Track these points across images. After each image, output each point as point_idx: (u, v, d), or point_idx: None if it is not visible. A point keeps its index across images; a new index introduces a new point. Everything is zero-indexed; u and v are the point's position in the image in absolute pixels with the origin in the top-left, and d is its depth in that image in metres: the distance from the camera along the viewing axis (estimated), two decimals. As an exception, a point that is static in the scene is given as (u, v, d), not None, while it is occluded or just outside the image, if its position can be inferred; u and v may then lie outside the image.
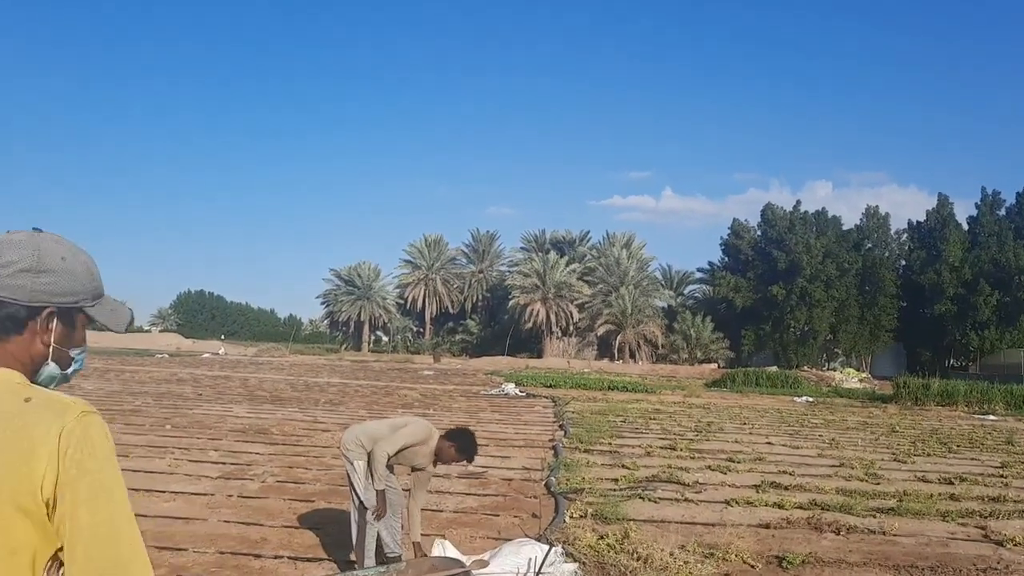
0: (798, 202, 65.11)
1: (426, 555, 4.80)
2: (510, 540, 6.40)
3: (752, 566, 6.65)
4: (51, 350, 1.44)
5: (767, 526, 8.05)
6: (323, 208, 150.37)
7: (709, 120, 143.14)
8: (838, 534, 7.84)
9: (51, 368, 1.46)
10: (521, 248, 78.73)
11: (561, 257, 71.15)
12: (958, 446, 16.10)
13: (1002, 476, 11.78)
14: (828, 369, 55.21)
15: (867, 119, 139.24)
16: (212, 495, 8.68)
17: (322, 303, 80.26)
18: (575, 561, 6.43)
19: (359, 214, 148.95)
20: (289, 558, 6.42)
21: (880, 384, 43.09)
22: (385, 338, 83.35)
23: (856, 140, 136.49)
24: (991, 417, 26.32)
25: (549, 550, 5.54)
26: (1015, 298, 55.68)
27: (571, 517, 7.98)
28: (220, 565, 6.21)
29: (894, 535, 7.86)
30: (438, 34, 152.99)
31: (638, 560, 6.55)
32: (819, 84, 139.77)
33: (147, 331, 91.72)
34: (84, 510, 1.29)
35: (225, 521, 7.57)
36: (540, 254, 72.28)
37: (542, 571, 5.43)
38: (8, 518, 1.29)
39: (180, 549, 6.53)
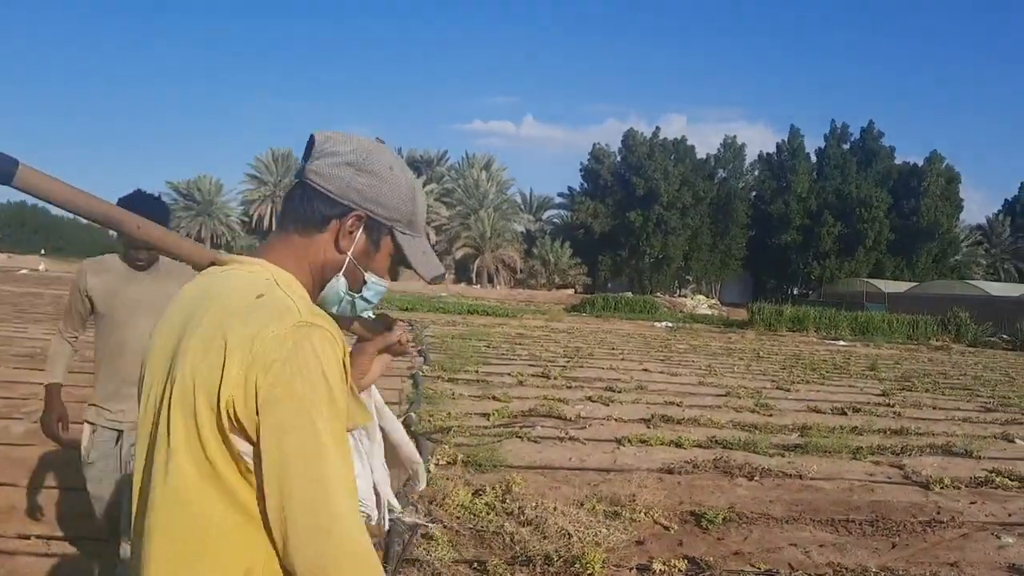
0: (657, 128, 65.06)
1: None
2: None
3: (667, 527, 5.29)
4: (347, 261, 1.30)
5: (670, 471, 6.77)
6: (160, 117, 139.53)
7: (571, 50, 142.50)
8: (751, 479, 6.69)
9: (340, 283, 1.31)
10: (377, 166, 75.38)
11: (419, 177, 68.56)
12: (827, 372, 15.76)
13: (890, 406, 11.25)
14: (680, 295, 56.22)
15: (722, 57, 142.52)
16: (-43, 442, 6.48)
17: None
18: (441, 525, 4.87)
19: (200, 125, 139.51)
20: (42, 538, 4.48)
21: (729, 310, 44.12)
22: (230, 257, 78.63)
23: (711, 77, 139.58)
24: (841, 342, 26.94)
25: (415, 531, 3.91)
26: (854, 229, 58.27)
27: (437, 465, 6.41)
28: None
29: (812, 479, 6.85)
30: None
31: (527, 525, 5.06)
32: (676, 18, 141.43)
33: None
34: (279, 441, 1.08)
35: (-37, 480, 5.47)
36: (397, 173, 69.38)
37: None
38: (202, 428, 1.11)
39: None
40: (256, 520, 1.12)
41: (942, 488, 6.69)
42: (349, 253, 1.30)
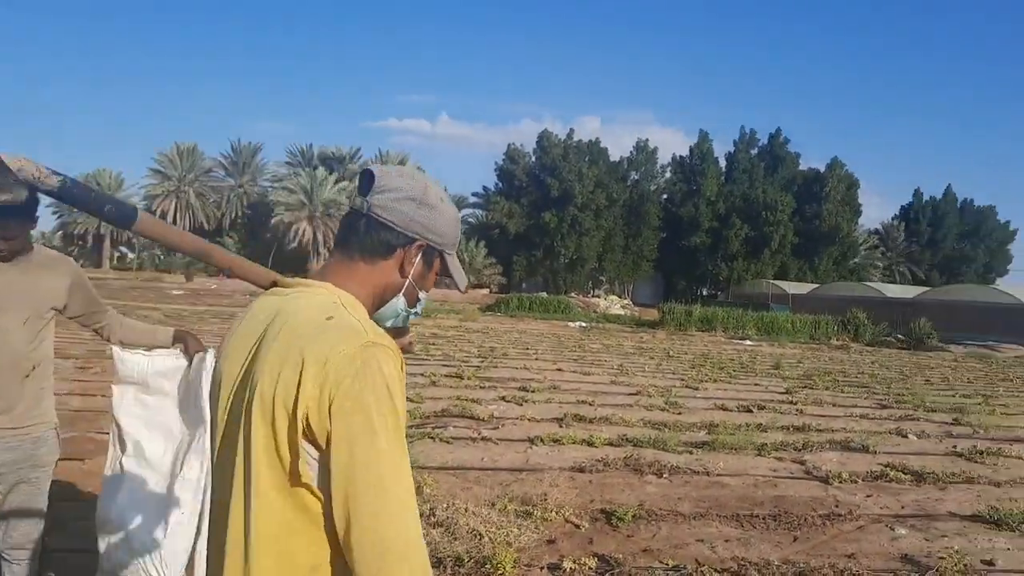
0: (572, 130, 65.94)
1: None
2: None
3: (578, 526, 5.31)
4: (407, 283, 1.48)
5: (581, 470, 6.81)
6: (54, 106, 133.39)
7: (487, 49, 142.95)
8: (660, 476, 6.78)
9: (399, 302, 1.49)
10: (286, 163, 73.95)
11: (330, 174, 67.50)
12: (734, 371, 16.17)
13: (793, 403, 11.62)
14: (593, 296, 56.97)
15: (635, 59, 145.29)
16: None
17: (54, 213, 70.72)
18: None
19: (100, 117, 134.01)
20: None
21: (641, 310, 44.92)
22: (131, 255, 75.67)
23: (624, 79, 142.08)
24: (747, 342, 27.72)
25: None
26: (761, 232, 60.19)
27: (347, 467, 6.26)
28: None
29: (719, 475, 6.99)
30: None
31: (438, 527, 5.01)
32: (591, 20, 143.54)
33: None
34: (349, 448, 1.20)
35: None
36: (307, 170, 68.14)
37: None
38: (279, 435, 1.24)
39: None
40: (321, 521, 1.26)
41: (840, 482, 6.91)
42: (410, 278, 1.47)
